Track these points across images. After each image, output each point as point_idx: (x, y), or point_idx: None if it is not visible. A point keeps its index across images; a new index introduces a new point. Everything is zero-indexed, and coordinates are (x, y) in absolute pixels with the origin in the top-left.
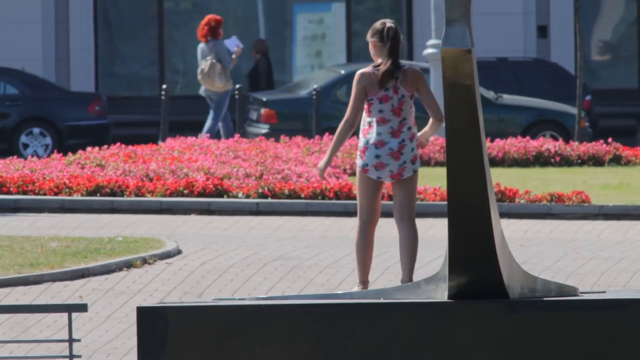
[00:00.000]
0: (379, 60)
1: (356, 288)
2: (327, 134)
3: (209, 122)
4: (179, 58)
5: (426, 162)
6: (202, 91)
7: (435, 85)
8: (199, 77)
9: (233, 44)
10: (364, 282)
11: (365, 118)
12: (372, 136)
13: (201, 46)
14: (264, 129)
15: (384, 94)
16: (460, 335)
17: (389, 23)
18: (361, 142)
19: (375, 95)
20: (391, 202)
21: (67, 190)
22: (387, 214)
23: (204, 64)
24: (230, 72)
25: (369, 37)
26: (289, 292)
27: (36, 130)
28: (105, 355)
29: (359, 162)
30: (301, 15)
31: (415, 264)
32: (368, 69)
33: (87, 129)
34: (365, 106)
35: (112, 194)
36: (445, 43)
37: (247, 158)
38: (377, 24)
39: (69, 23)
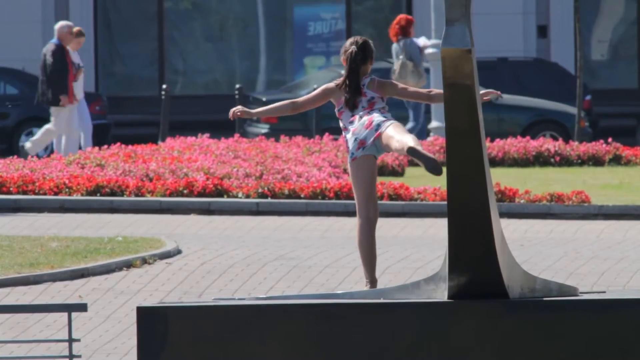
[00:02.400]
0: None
1: (365, 287)
2: (327, 133)
3: (409, 125)
4: (179, 58)
5: None
6: None
7: (436, 85)
8: (393, 76)
9: (421, 43)
10: (372, 281)
11: (340, 122)
12: (350, 133)
13: (394, 46)
14: (264, 128)
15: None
16: (460, 335)
17: (352, 45)
18: (346, 143)
19: (344, 103)
20: (391, 202)
21: (67, 190)
22: (387, 213)
23: (396, 64)
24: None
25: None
26: (288, 292)
27: (36, 130)
28: (105, 355)
29: (348, 160)
30: (301, 15)
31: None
32: (333, 84)
33: None
34: (337, 113)
35: (112, 193)
36: (445, 43)
37: (247, 158)
38: (347, 43)
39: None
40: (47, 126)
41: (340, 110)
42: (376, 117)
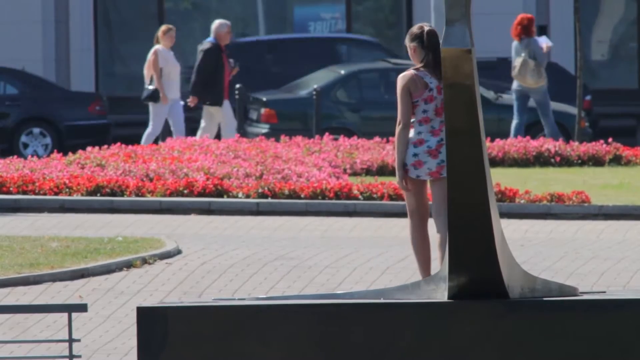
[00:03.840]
0: (419, 64)
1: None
2: (327, 133)
3: (547, 127)
4: (179, 58)
5: None
6: (515, 86)
7: None
8: (512, 73)
9: (543, 42)
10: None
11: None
12: (412, 135)
13: (515, 44)
14: (264, 128)
15: (428, 94)
16: (460, 335)
17: (427, 27)
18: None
19: (420, 97)
20: (391, 203)
21: (67, 190)
22: (387, 214)
23: (517, 62)
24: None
25: (408, 42)
26: (289, 292)
27: (36, 130)
28: (106, 355)
29: (411, 160)
30: (301, 16)
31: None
32: (410, 71)
33: (87, 129)
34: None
35: (112, 193)
36: (446, 43)
37: (247, 158)
38: (415, 29)
39: (69, 23)
40: (203, 124)
41: (416, 104)
42: (445, 147)
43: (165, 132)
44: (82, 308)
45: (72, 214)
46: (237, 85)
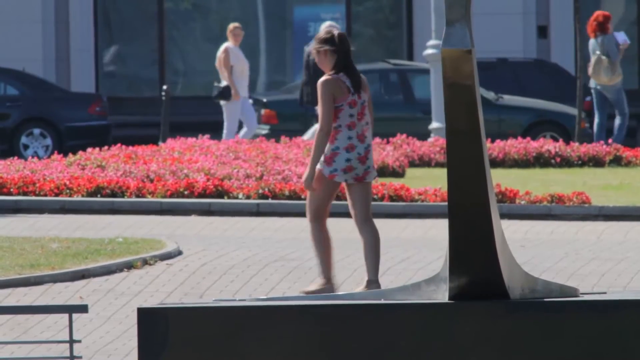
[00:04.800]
0: (331, 68)
1: (316, 287)
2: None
3: (617, 121)
4: (179, 58)
5: (426, 163)
6: (592, 84)
7: (436, 85)
8: (588, 72)
9: (621, 39)
10: (329, 278)
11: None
12: (342, 141)
13: (591, 41)
14: (264, 129)
15: (352, 98)
16: (460, 336)
17: (336, 31)
18: (328, 148)
19: (345, 101)
20: (391, 203)
21: (67, 191)
22: (388, 214)
23: (592, 59)
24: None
25: (316, 47)
26: (289, 293)
27: (36, 131)
28: (106, 356)
29: (325, 168)
30: (301, 16)
31: (380, 262)
32: (332, 76)
33: (87, 130)
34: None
35: (113, 194)
36: (446, 43)
37: (248, 159)
38: (323, 33)
39: (69, 23)
40: (317, 125)
41: (340, 108)
42: (370, 153)
43: (167, 133)
44: (83, 309)
45: (73, 215)
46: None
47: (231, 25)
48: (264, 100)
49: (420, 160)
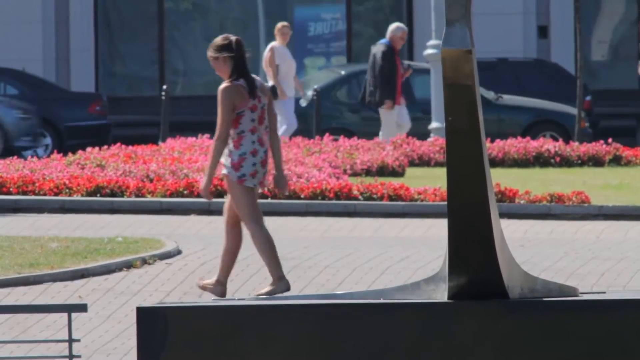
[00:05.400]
0: (230, 75)
1: (268, 288)
2: (327, 134)
3: None
4: (179, 58)
5: (426, 163)
6: None
7: (436, 85)
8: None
9: None
10: (281, 276)
11: (232, 130)
12: (247, 146)
13: None
14: None
15: (252, 103)
16: (460, 336)
17: (232, 37)
18: (235, 154)
19: (246, 106)
20: (391, 203)
21: (67, 190)
22: (387, 214)
23: None
24: None
25: (213, 54)
26: (288, 293)
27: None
28: (105, 356)
29: (233, 174)
30: (301, 16)
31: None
32: (231, 83)
33: (87, 129)
34: (234, 118)
35: (112, 194)
36: (446, 43)
37: None
38: (220, 40)
39: (69, 23)
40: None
41: (242, 114)
42: (267, 157)
43: (167, 132)
44: (82, 308)
45: (72, 215)
46: None
47: (279, 24)
48: None
49: (419, 160)
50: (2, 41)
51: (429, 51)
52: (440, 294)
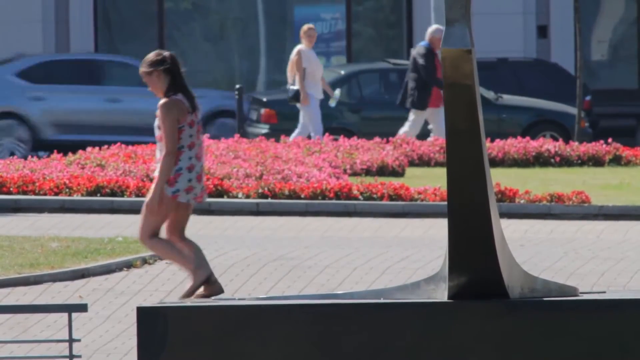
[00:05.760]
0: (166, 90)
1: (202, 290)
2: (327, 134)
3: None
4: (179, 58)
5: (426, 162)
6: None
7: None
8: None
9: None
10: (210, 277)
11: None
12: (185, 161)
13: None
14: (264, 129)
15: (191, 118)
16: (460, 335)
17: (166, 52)
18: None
19: (185, 122)
20: (391, 203)
21: (67, 190)
22: (387, 214)
23: None
24: None
25: (147, 69)
26: (289, 292)
27: None
28: (105, 355)
29: (167, 189)
30: (301, 16)
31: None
32: (172, 98)
33: None
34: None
35: (113, 194)
36: (446, 43)
37: (247, 158)
38: (153, 55)
39: (69, 23)
40: (433, 132)
41: (182, 129)
42: (204, 171)
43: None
44: (82, 308)
45: (73, 214)
46: (237, 86)
47: (305, 27)
48: (264, 99)
49: (419, 160)
50: (2, 41)
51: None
52: (441, 294)
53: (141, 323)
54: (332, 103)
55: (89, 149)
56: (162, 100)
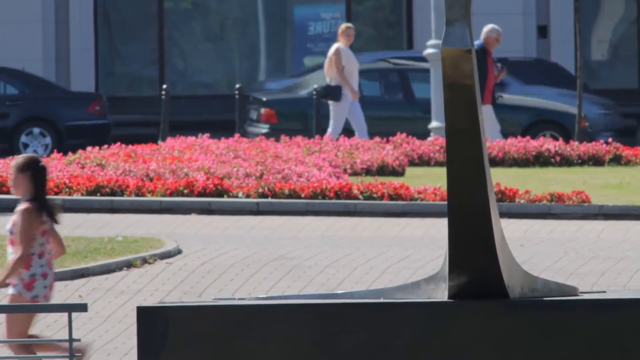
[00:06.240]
0: (29, 194)
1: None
2: (327, 134)
3: None
4: (179, 58)
5: (426, 162)
6: None
7: (436, 85)
8: None
9: None
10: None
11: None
12: (37, 268)
13: None
14: (264, 128)
15: (43, 227)
16: (460, 335)
17: (39, 157)
18: (25, 274)
19: (38, 231)
20: (391, 202)
21: (67, 189)
22: (387, 213)
23: None
24: None
25: (15, 173)
26: (289, 292)
27: (36, 130)
28: (105, 355)
29: (26, 293)
30: (301, 16)
31: None
32: (31, 204)
33: (87, 129)
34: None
35: (112, 193)
36: (445, 43)
37: (247, 158)
38: (22, 159)
39: (69, 23)
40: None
41: (34, 237)
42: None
43: (166, 132)
44: (82, 308)
45: (72, 214)
46: (237, 85)
47: (343, 26)
48: (264, 99)
49: (419, 160)
50: (2, 41)
51: (429, 51)
52: (441, 294)
53: (141, 323)
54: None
55: (89, 148)
56: (23, 206)
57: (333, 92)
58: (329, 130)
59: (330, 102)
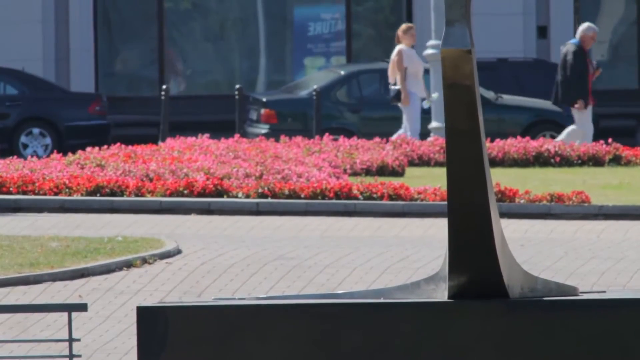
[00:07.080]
0: None
1: None
2: (327, 134)
3: None
4: (179, 58)
5: (426, 162)
6: None
7: (436, 85)
8: None
9: None
10: None
11: None
12: None
13: None
14: (264, 129)
15: None
16: (460, 335)
17: None
18: None
19: None
20: (391, 202)
21: (67, 190)
22: (387, 213)
23: None
24: None
25: None
26: (289, 292)
27: (36, 130)
28: (105, 355)
29: None
30: (301, 16)
31: None
32: None
33: (87, 129)
34: None
35: (112, 194)
36: (445, 43)
37: (247, 158)
38: None
39: (69, 23)
40: (571, 127)
41: None
42: None
43: (166, 132)
44: (82, 307)
45: (72, 214)
46: (237, 86)
47: (404, 26)
48: (264, 99)
49: (419, 160)
50: (2, 41)
51: (429, 51)
52: (441, 294)
53: (141, 323)
54: (426, 105)
55: (89, 149)
56: None
57: (399, 94)
58: (408, 133)
59: (400, 105)
